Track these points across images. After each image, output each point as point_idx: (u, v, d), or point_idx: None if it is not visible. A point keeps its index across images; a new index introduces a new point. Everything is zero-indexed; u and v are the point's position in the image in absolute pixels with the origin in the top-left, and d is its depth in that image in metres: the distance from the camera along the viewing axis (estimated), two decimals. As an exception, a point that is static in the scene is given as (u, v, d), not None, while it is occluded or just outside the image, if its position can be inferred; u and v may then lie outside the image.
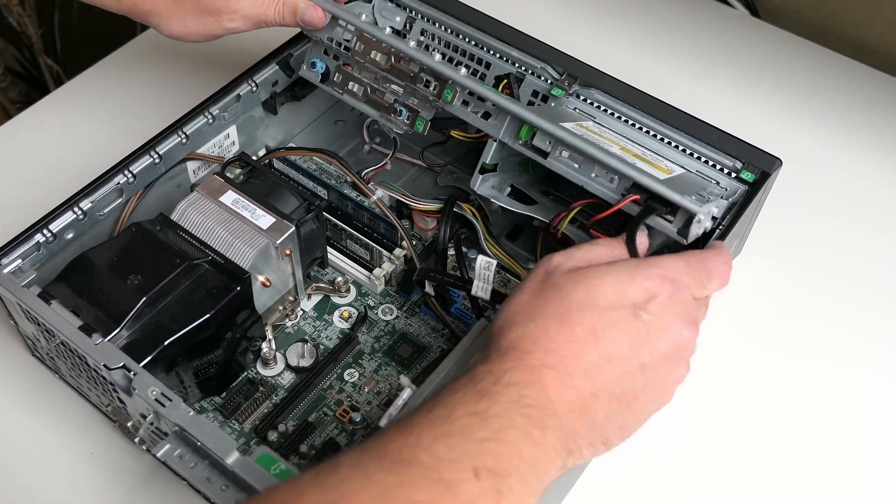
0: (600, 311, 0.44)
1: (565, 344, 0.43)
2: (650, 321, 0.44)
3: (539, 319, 0.44)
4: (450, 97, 0.60)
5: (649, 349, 0.44)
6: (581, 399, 0.43)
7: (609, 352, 0.43)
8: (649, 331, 0.44)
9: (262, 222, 0.60)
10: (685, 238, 0.54)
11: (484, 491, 0.38)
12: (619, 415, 0.44)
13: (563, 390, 0.42)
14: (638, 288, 0.45)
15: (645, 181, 0.54)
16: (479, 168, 0.61)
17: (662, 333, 0.45)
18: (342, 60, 0.66)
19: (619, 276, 0.45)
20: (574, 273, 0.46)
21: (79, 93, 0.82)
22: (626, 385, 0.44)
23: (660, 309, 0.45)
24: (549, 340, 0.43)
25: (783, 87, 0.83)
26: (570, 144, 0.56)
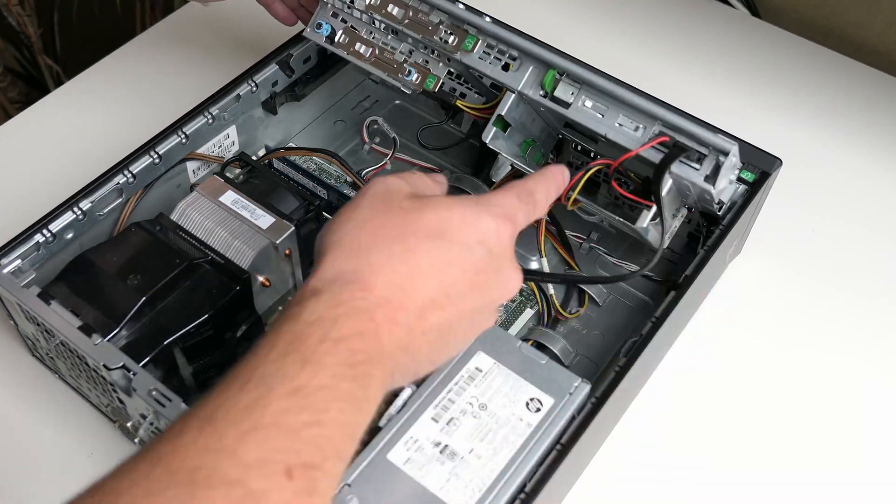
0: (448, 245, 0.42)
1: (408, 275, 0.40)
2: (490, 262, 0.43)
3: (383, 246, 0.41)
4: (470, 46, 0.60)
5: (484, 291, 0.43)
6: (409, 336, 0.40)
7: (448, 288, 0.41)
8: (487, 272, 0.43)
9: (262, 222, 0.60)
10: (712, 185, 0.54)
11: (296, 493, 0.33)
12: (438, 350, 0.42)
13: (394, 328, 0.39)
14: (484, 226, 0.43)
15: (675, 120, 0.54)
16: (494, 120, 0.60)
17: (497, 276, 0.43)
18: (349, 23, 0.66)
19: (467, 210, 0.43)
20: (420, 200, 0.43)
21: (78, 92, 0.82)
22: (453, 323, 0.42)
23: (500, 250, 0.43)
24: (392, 270, 0.40)
25: (783, 87, 0.83)
26: (599, 87, 0.56)
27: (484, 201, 0.44)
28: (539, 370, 0.52)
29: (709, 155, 0.54)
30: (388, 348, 0.39)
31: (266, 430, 0.34)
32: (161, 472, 0.32)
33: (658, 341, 0.55)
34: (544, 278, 0.64)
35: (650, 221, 0.57)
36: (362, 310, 0.39)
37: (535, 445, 0.49)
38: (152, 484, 0.32)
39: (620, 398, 0.54)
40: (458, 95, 0.64)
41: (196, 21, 0.88)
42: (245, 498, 0.32)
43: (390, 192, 0.44)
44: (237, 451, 0.33)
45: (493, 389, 0.51)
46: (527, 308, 0.64)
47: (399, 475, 0.47)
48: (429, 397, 0.51)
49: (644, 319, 0.57)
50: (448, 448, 0.49)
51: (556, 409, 0.50)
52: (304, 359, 0.36)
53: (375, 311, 0.39)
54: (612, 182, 0.59)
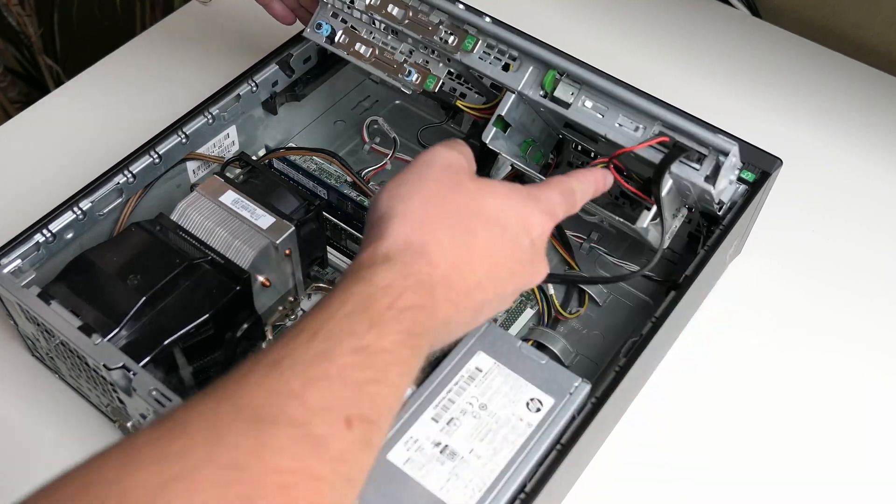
0: (502, 230, 0.44)
1: (467, 257, 0.42)
2: (531, 254, 0.45)
3: (448, 224, 0.43)
4: (470, 46, 0.60)
5: (520, 278, 0.46)
6: (455, 313, 0.42)
7: (494, 272, 0.44)
8: (525, 261, 0.45)
9: (262, 222, 0.59)
10: (713, 185, 0.54)
11: (354, 442, 0.35)
12: (468, 325, 0.44)
13: (447, 307, 0.41)
14: (534, 220, 0.46)
15: (676, 120, 0.54)
16: (494, 120, 0.60)
17: (532, 267, 0.46)
18: (350, 23, 0.66)
19: (523, 199, 0.46)
20: (481, 183, 0.45)
21: (78, 92, 0.82)
22: (487, 303, 0.44)
23: (540, 243, 0.46)
24: (454, 250, 0.42)
25: (783, 87, 0.83)
26: (599, 87, 0.56)
27: (535, 195, 0.47)
28: (539, 370, 0.52)
29: (709, 155, 0.54)
30: (438, 323, 0.41)
31: (331, 381, 0.35)
32: (228, 407, 0.33)
33: (658, 341, 0.55)
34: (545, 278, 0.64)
35: (650, 221, 0.57)
36: (426, 284, 0.41)
37: (535, 445, 0.49)
38: (220, 418, 0.33)
39: (620, 398, 0.54)
40: (458, 95, 0.64)
41: (196, 21, 0.88)
42: (307, 439, 0.34)
43: (454, 168, 0.45)
44: (302, 396, 0.34)
45: (493, 389, 0.51)
46: (527, 308, 0.64)
47: (399, 475, 0.47)
48: (429, 397, 0.51)
49: (644, 319, 0.57)
50: (448, 448, 0.49)
51: (556, 409, 0.50)
52: (372, 321, 0.38)
53: (435, 288, 0.41)
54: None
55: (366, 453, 0.36)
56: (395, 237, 0.42)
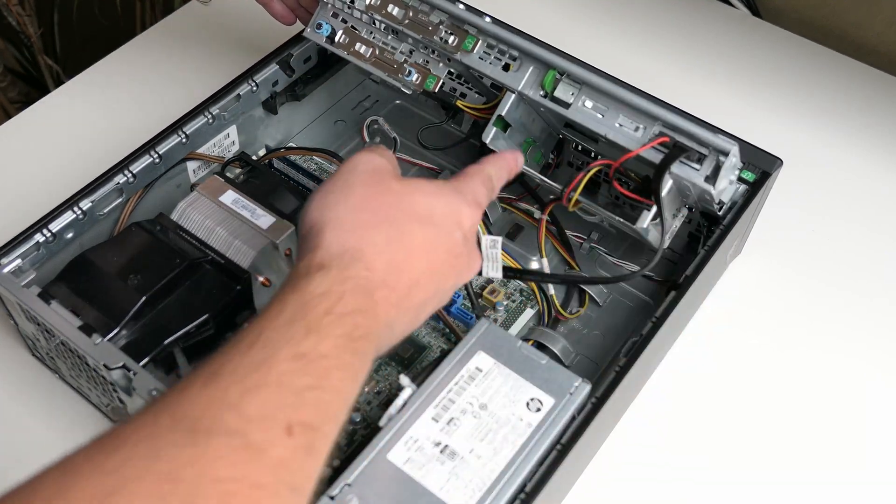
0: (435, 227, 0.45)
1: (404, 257, 0.43)
2: (464, 246, 0.47)
3: (382, 227, 0.43)
4: (470, 46, 0.60)
5: (457, 273, 0.47)
6: (397, 314, 0.43)
7: (433, 269, 0.44)
8: (460, 255, 0.46)
9: (262, 222, 0.60)
10: (713, 185, 0.54)
11: (296, 449, 0.35)
12: (411, 324, 0.45)
13: (388, 308, 0.42)
14: (462, 212, 0.46)
15: (676, 120, 0.54)
16: (494, 120, 0.60)
17: (468, 260, 0.48)
18: (350, 23, 0.66)
19: (450, 194, 0.47)
20: (407, 183, 0.46)
21: (78, 92, 0.82)
22: (429, 300, 0.45)
23: (471, 235, 0.48)
24: (390, 252, 0.43)
25: (783, 87, 0.83)
26: (599, 87, 0.56)
27: (459, 189, 0.48)
28: (539, 370, 0.52)
29: (709, 155, 0.54)
30: (381, 326, 0.41)
31: (269, 388, 0.35)
32: (166, 418, 0.33)
33: (658, 341, 0.55)
34: (544, 279, 0.64)
35: (650, 222, 0.57)
36: (364, 288, 0.41)
37: (535, 445, 0.49)
38: (157, 430, 0.33)
39: (620, 398, 0.54)
40: (459, 95, 0.64)
41: (196, 21, 0.88)
42: (245, 448, 0.33)
43: (379, 172, 0.46)
44: (240, 405, 0.34)
45: (493, 389, 0.51)
46: (527, 308, 0.64)
47: (399, 475, 0.47)
48: (429, 397, 0.51)
49: (644, 319, 0.57)
50: (448, 448, 0.49)
51: (556, 409, 0.50)
52: (310, 327, 0.38)
53: (375, 291, 0.41)
54: (614, 182, 0.59)
55: (310, 460, 0.36)
56: (328, 245, 0.42)
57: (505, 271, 0.59)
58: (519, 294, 0.65)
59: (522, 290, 0.65)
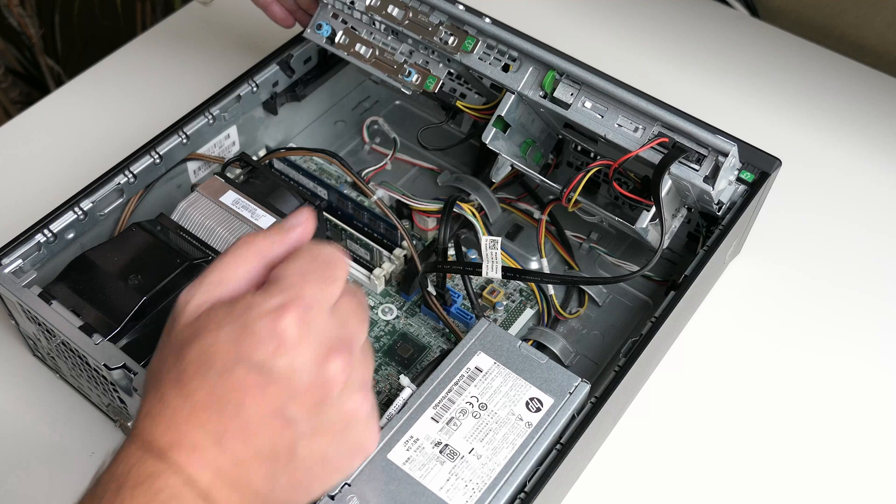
0: (217, 374, 0.37)
1: (188, 415, 0.37)
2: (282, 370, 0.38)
3: (160, 389, 0.38)
4: (470, 47, 0.60)
5: (290, 400, 0.38)
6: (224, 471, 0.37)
7: (240, 416, 0.37)
8: (280, 380, 0.38)
9: (263, 222, 0.60)
10: (712, 185, 0.54)
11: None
12: (283, 474, 0.39)
13: (199, 468, 0.36)
14: (257, 337, 0.38)
15: (675, 121, 0.54)
16: (494, 120, 0.61)
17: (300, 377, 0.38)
18: (350, 24, 0.66)
19: (233, 327, 0.38)
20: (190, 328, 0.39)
21: (79, 93, 0.82)
22: (274, 443, 0.38)
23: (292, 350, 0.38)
24: (172, 414, 0.37)
25: (783, 87, 0.83)
26: (599, 88, 0.56)
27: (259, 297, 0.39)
28: (539, 370, 0.52)
29: (708, 156, 0.54)
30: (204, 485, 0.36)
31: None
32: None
33: (658, 341, 0.55)
34: (544, 279, 0.64)
35: (650, 222, 0.57)
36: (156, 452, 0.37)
37: (535, 445, 0.49)
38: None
39: (620, 398, 0.55)
40: (458, 96, 0.64)
41: (196, 21, 0.88)
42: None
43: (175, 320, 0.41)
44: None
45: (493, 389, 0.51)
46: (526, 308, 0.64)
47: (399, 475, 0.47)
48: (429, 397, 0.51)
49: (644, 319, 0.57)
50: (448, 448, 0.49)
51: (556, 409, 0.50)
52: None
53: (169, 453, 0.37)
54: (613, 182, 0.59)
55: None
56: None
57: (504, 272, 0.59)
58: (518, 294, 0.65)
59: (522, 290, 0.65)
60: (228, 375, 0.37)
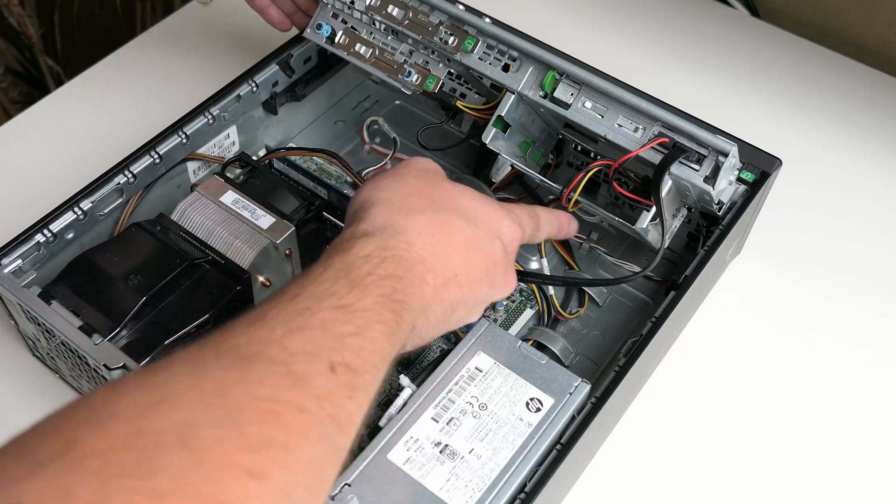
0: (477, 230, 0.47)
1: (443, 243, 0.45)
2: (503, 259, 0.49)
3: (426, 212, 0.46)
4: (470, 47, 0.60)
5: (492, 283, 0.48)
6: (431, 299, 0.44)
7: (470, 269, 0.46)
8: (498, 264, 0.48)
9: (262, 222, 0.60)
10: (712, 185, 0.54)
11: (339, 386, 0.36)
12: (441, 323, 0.47)
13: (423, 286, 0.44)
14: (505, 224, 0.49)
15: (675, 121, 0.54)
16: (494, 120, 0.61)
17: (504, 274, 0.49)
18: (350, 23, 0.66)
19: (495, 204, 0.49)
20: (457, 185, 0.49)
21: (79, 93, 0.82)
22: (461, 303, 0.47)
23: (511, 250, 0.50)
24: (431, 235, 0.45)
25: (783, 87, 0.83)
26: (599, 88, 0.56)
27: (505, 205, 0.51)
28: (539, 370, 0.52)
29: (708, 156, 0.54)
30: (417, 301, 0.43)
31: (313, 331, 0.37)
32: (211, 350, 0.35)
33: (658, 341, 0.55)
34: (545, 280, 0.64)
35: (650, 222, 0.57)
36: (405, 259, 0.43)
37: (535, 445, 0.49)
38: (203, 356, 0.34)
39: (620, 398, 0.55)
40: (458, 96, 0.64)
41: (196, 21, 0.88)
42: (288, 375, 0.35)
43: (431, 171, 0.50)
44: (283, 341, 0.36)
45: (493, 389, 0.51)
46: (527, 308, 0.64)
47: (399, 475, 0.47)
48: (429, 397, 0.51)
49: (644, 319, 0.57)
50: (448, 448, 0.49)
51: (556, 409, 0.50)
52: (353, 284, 0.40)
53: (414, 265, 0.44)
54: (613, 183, 0.59)
55: (352, 401, 0.37)
56: (374, 219, 0.45)
57: None
58: (518, 294, 0.65)
59: (522, 290, 0.65)
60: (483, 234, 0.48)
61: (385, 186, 0.47)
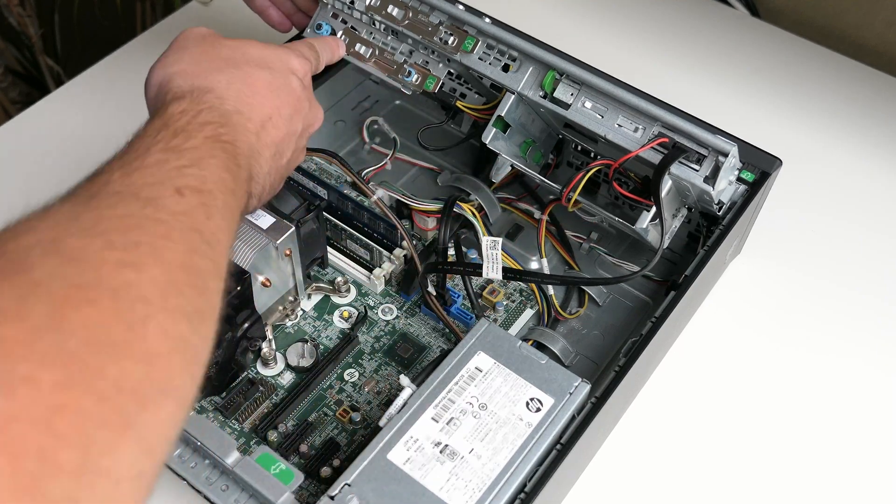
0: (271, 71, 0.50)
1: (250, 94, 0.47)
2: (304, 93, 0.52)
3: (224, 70, 0.47)
4: (470, 47, 0.60)
5: (304, 116, 0.52)
6: (256, 145, 0.46)
7: (280, 109, 0.49)
8: (302, 98, 0.51)
9: (262, 222, 0.59)
10: (712, 185, 0.54)
11: (192, 205, 0.37)
12: (273, 171, 0.49)
13: (246, 134, 0.45)
14: (294, 62, 0.52)
15: (675, 121, 0.54)
16: (494, 121, 0.61)
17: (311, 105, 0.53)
18: (350, 23, 0.66)
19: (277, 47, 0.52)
20: (238, 39, 0.51)
21: (79, 93, 0.82)
22: (283, 144, 0.49)
23: (307, 84, 0.53)
24: (236, 89, 0.47)
25: (783, 87, 0.83)
26: (599, 88, 0.56)
27: (285, 46, 0.54)
28: (539, 370, 0.52)
29: (708, 156, 0.54)
30: (244, 146, 0.45)
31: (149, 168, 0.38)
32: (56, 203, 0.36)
33: (658, 341, 0.55)
34: (544, 280, 0.64)
35: (650, 222, 0.57)
36: (220, 110, 0.45)
37: (535, 445, 0.49)
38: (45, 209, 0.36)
39: (620, 398, 0.55)
40: (458, 96, 0.64)
41: (196, 21, 0.88)
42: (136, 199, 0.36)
43: (209, 35, 0.51)
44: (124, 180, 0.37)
45: (493, 389, 0.51)
46: (526, 308, 0.64)
47: (399, 475, 0.47)
48: (429, 397, 0.51)
49: (644, 319, 0.57)
50: (448, 448, 0.49)
51: (556, 409, 0.50)
52: (175, 132, 0.41)
53: (230, 115, 0.45)
54: (613, 183, 0.59)
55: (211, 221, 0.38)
56: (178, 87, 0.46)
57: (505, 272, 0.59)
58: (518, 294, 0.65)
59: (522, 290, 0.65)
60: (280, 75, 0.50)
61: (174, 61, 0.48)
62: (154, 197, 0.36)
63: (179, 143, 0.41)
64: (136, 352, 0.31)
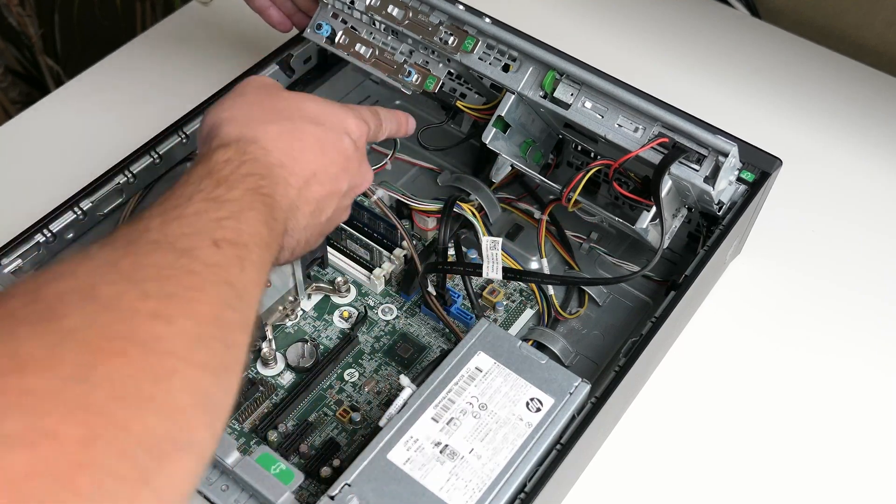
0: (326, 129, 0.50)
1: (298, 147, 0.47)
2: (355, 153, 0.51)
3: (275, 121, 0.47)
4: (470, 47, 0.60)
5: (351, 176, 0.51)
6: (297, 199, 0.47)
7: (327, 167, 0.49)
8: (351, 159, 0.51)
9: (263, 222, 0.59)
10: (712, 185, 0.54)
11: (227, 258, 0.38)
12: (312, 226, 0.49)
13: (287, 188, 0.46)
14: (350, 122, 0.51)
15: (675, 121, 0.54)
16: (494, 121, 0.61)
17: (360, 167, 0.52)
18: (350, 23, 0.66)
19: (336, 105, 0.52)
20: (297, 93, 0.51)
21: (79, 93, 0.82)
22: (326, 201, 0.49)
23: (361, 145, 0.52)
24: (284, 141, 0.47)
25: (783, 87, 0.83)
26: (599, 88, 0.56)
27: (346, 105, 0.53)
28: (539, 370, 0.52)
29: (708, 156, 0.54)
30: (283, 200, 0.45)
31: (188, 218, 0.39)
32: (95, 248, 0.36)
33: (658, 341, 0.55)
34: (544, 280, 0.64)
35: (650, 222, 0.57)
36: (263, 162, 0.45)
37: (535, 445, 0.49)
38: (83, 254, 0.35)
39: (620, 398, 0.55)
40: (458, 96, 0.64)
41: (196, 21, 0.88)
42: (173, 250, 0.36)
43: (269, 85, 0.52)
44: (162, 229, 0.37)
45: (493, 389, 0.51)
46: (526, 308, 0.64)
47: (399, 475, 0.47)
48: (429, 397, 0.51)
49: (644, 319, 0.57)
50: (448, 448, 0.49)
51: (556, 409, 0.50)
52: (218, 182, 0.42)
53: (273, 168, 0.45)
54: (613, 183, 0.59)
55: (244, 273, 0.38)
56: (226, 135, 0.46)
57: (505, 272, 0.59)
58: (518, 294, 0.65)
59: (522, 290, 0.65)
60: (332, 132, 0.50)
61: (228, 107, 0.48)
62: (190, 248, 0.37)
63: (221, 193, 0.41)
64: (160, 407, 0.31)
